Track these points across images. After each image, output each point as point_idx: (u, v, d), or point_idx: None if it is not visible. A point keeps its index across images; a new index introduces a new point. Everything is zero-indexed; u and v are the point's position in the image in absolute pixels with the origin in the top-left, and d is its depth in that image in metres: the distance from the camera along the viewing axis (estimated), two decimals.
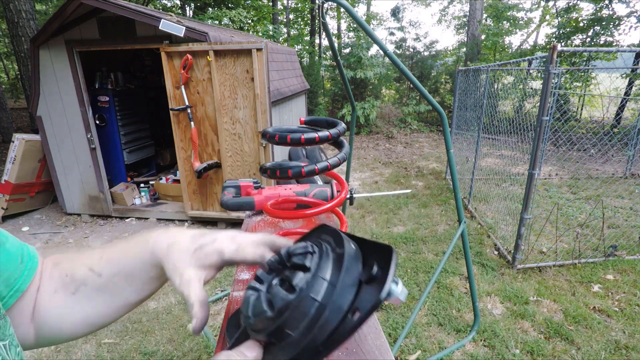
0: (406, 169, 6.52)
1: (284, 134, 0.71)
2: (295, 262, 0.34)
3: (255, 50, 3.38)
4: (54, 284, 0.49)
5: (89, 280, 0.49)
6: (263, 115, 3.60)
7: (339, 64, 2.35)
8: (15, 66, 12.19)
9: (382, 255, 0.32)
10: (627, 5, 8.45)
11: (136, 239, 0.50)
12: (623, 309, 2.66)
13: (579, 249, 3.32)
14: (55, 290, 0.49)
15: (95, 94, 4.49)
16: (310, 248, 0.35)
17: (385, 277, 0.30)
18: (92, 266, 0.49)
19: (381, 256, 0.32)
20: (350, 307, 0.30)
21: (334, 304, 0.29)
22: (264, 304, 0.32)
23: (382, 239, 3.78)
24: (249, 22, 10.73)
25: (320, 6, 1.86)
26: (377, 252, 0.33)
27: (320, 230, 0.40)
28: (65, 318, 0.49)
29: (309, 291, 0.30)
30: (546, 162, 6.37)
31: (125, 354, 2.34)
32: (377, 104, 9.28)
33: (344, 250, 0.32)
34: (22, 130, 9.07)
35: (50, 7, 12.22)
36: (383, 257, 0.32)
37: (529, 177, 2.97)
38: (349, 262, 0.31)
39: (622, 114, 8.51)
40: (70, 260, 0.52)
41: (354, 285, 0.31)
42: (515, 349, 2.31)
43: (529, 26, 11.79)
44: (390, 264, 0.31)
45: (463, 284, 3.00)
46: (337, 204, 0.82)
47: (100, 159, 4.22)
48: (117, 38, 3.72)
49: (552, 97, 2.78)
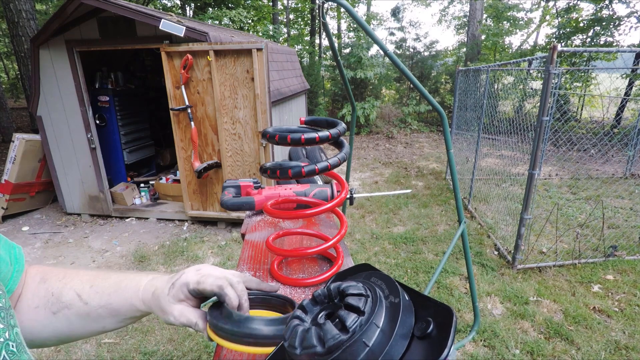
0: (406, 169, 6.52)
1: (284, 134, 0.71)
2: (350, 303, 0.34)
3: (256, 50, 3.38)
4: (37, 300, 0.51)
5: (74, 306, 0.51)
6: (263, 115, 3.60)
7: (339, 64, 2.35)
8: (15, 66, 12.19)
9: (439, 313, 0.32)
10: (627, 6, 8.45)
11: (128, 281, 0.53)
12: (623, 309, 2.66)
13: (579, 249, 3.32)
14: (37, 306, 0.51)
15: (95, 94, 4.49)
16: (364, 291, 0.34)
17: (444, 338, 0.29)
18: (80, 293, 0.52)
19: (438, 314, 0.32)
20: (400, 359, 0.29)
21: (386, 354, 0.29)
22: (315, 339, 0.32)
23: (382, 239, 3.78)
24: (249, 22, 10.73)
25: (320, 6, 1.86)
26: (431, 309, 0.33)
27: (370, 273, 0.39)
28: (39, 332, 0.51)
29: (362, 335, 0.29)
30: (546, 162, 6.37)
31: (125, 354, 2.34)
32: (377, 104, 9.28)
33: (400, 300, 0.32)
34: (22, 130, 9.08)
35: (50, 7, 12.23)
36: (440, 315, 0.32)
37: (529, 177, 2.97)
38: (404, 314, 0.31)
39: (622, 114, 8.51)
40: (59, 280, 0.53)
41: (406, 337, 0.30)
42: (515, 349, 2.31)
43: (529, 26, 11.79)
44: (450, 326, 0.30)
45: (463, 284, 3.00)
46: (337, 204, 0.82)
47: (100, 158, 4.22)
48: (117, 38, 3.72)
49: (552, 97, 2.78)
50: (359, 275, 0.40)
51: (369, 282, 0.36)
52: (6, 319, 0.36)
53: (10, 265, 0.48)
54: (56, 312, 0.51)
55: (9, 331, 0.35)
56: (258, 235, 1.02)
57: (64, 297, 0.52)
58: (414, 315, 0.32)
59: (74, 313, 0.51)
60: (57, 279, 0.53)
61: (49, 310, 0.51)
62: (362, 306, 0.32)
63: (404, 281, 3.05)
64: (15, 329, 0.36)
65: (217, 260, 3.42)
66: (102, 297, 0.52)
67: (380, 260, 3.40)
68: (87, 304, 0.51)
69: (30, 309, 0.51)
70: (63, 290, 0.52)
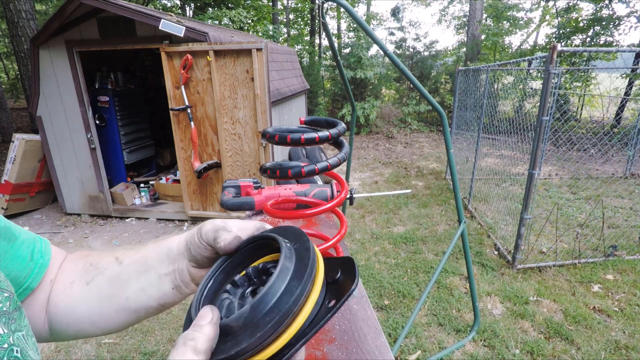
0: (406, 169, 6.52)
1: (284, 134, 0.71)
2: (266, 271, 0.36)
3: (255, 50, 3.38)
4: (74, 275, 0.49)
5: (108, 269, 0.48)
6: (263, 115, 3.60)
7: (339, 64, 2.35)
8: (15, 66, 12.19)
9: (345, 264, 0.36)
10: (627, 5, 8.45)
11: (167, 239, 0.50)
12: (623, 309, 2.66)
13: (579, 249, 3.32)
14: (73, 281, 0.49)
15: (95, 94, 4.49)
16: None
17: (351, 278, 0.33)
18: (119, 255, 0.49)
19: (344, 264, 0.36)
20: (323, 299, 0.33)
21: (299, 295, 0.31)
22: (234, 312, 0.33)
23: (382, 239, 3.78)
24: (249, 22, 10.73)
25: (320, 6, 1.86)
26: (339, 263, 0.37)
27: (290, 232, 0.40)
28: (72, 311, 0.48)
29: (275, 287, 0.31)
30: (546, 162, 6.37)
31: (125, 354, 2.34)
32: (377, 104, 9.28)
33: (310, 250, 0.35)
34: (22, 130, 9.08)
35: (50, 7, 12.23)
36: (346, 265, 0.36)
37: (529, 177, 2.97)
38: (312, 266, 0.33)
39: (622, 114, 8.51)
40: (102, 252, 0.52)
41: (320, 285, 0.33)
42: (515, 349, 2.31)
43: (529, 26, 11.79)
44: (354, 269, 0.34)
45: (463, 284, 3.00)
46: (337, 204, 0.82)
47: (100, 159, 4.22)
48: (117, 38, 3.72)
49: (552, 97, 2.78)
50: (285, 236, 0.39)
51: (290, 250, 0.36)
52: (7, 324, 0.35)
53: (29, 261, 0.46)
54: (89, 282, 0.48)
55: (12, 336, 0.35)
56: None
57: (102, 262, 0.49)
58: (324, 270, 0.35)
59: (105, 278, 0.48)
60: (100, 252, 0.52)
61: (83, 282, 0.48)
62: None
63: (404, 281, 3.06)
64: (16, 334, 0.36)
65: None
66: (138, 252, 0.49)
67: (380, 260, 3.40)
68: (121, 263, 0.48)
69: (67, 286, 0.48)
70: (103, 257, 0.50)
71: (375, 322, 0.60)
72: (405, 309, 2.71)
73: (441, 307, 2.72)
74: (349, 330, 0.57)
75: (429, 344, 2.38)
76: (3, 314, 0.35)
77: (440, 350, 2.32)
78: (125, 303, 0.47)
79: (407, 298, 2.82)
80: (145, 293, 0.47)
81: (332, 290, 0.34)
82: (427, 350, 2.33)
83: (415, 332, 2.47)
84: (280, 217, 0.87)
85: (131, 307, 0.47)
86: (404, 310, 2.70)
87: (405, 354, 2.30)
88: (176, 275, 0.46)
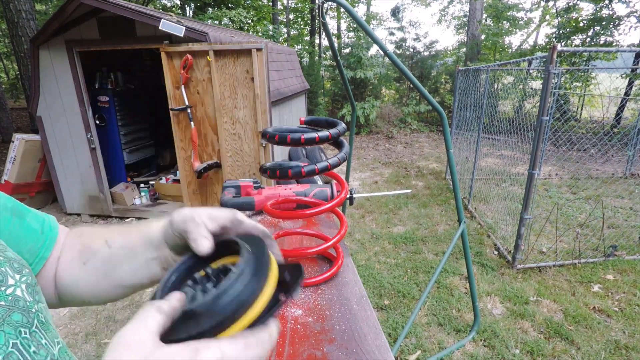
0: (406, 169, 6.52)
1: (284, 134, 0.71)
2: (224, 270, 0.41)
3: (255, 50, 3.38)
4: (72, 254, 0.54)
5: (100, 252, 0.53)
6: (263, 115, 3.60)
7: (339, 64, 2.35)
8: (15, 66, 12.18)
9: (293, 268, 0.40)
10: (627, 5, 8.45)
11: (154, 220, 0.53)
12: (623, 309, 2.66)
13: (579, 249, 3.32)
14: (72, 259, 0.53)
15: (95, 94, 4.49)
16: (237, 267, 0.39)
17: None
18: (108, 239, 0.53)
19: (292, 269, 0.40)
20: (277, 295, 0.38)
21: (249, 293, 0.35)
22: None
23: (382, 239, 3.78)
24: (248, 22, 10.72)
25: (320, 6, 1.86)
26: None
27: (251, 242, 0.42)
28: (75, 286, 0.53)
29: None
30: (546, 162, 6.37)
31: None
32: (377, 104, 9.28)
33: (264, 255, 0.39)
34: (22, 130, 9.07)
35: (50, 7, 12.22)
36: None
37: (529, 177, 2.97)
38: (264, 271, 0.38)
39: (622, 114, 8.51)
40: (93, 233, 0.56)
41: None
42: (515, 349, 2.31)
43: (529, 26, 11.80)
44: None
45: (463, 284, 3.00)
46: (337, 204, 0.82)
47: (100, 159, 4.22)
48: (117, 38, 3.72)
49: (552, 97, 2.78)
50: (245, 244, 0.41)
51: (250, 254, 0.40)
52: (33, 295, 0.39)
53: (41, 233, 0.51)
54: (85, 262, 0.53)
55: (36, 305, 0.39)
56: None
57: (94, 245, 0.53)
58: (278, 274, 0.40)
59: (99, 260, 0.52)
60: (92, 232, 0.56)
61: (80, 262, 0.53)
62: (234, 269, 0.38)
63: (404, 281, 3.06)
64: (39, 304, 0.40)
65: None
66: (123, 237, 0.52)
67: (380, 260, 3.40)
68: (111, 247, 0.52)
69: (68, 264, 0.53)
70: (94, 240, 0.54)
71: (375, 322, 0.60)
72: (405, 309, 2.71)
73: (441, 307, 2.72)
74: (349, 330, 0.57)
75: (429, 344, 2.38)
76: (28, 285, 0.39)
77: (440, 350, 2.32)
78: (120, 281, 0.52)
79: (407, 298, 2.82)
80: (136, 274, 0.51)
81: (284, 288, 0.38)
82: (427, 350, 2.33)
83: (415, 332, 2.47)
84: (280, 217, 0.87)
85: (125, 284, 0.52)
86: (404, 310, 2.70)
87: (405, 354, 2.30)
88: (161, 260, 0.50)
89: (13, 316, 0.34)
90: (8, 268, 0.37)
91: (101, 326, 2.60)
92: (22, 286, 0.38)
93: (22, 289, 0.37)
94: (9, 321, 0.34)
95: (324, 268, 0.86)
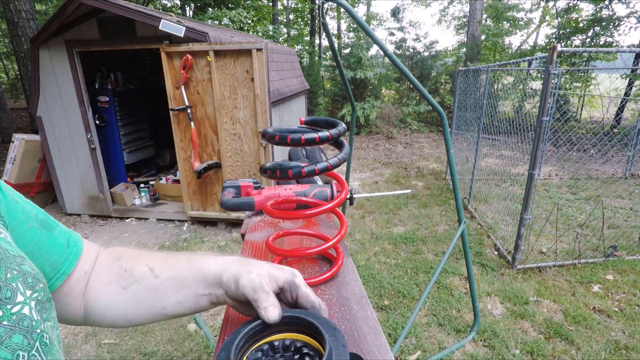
0: (406, 169, 6.52)
1: (284, 134, 0.71)
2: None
3: (255, 51, 3.38)
4: (110, 277, 0.54)
5: (144, 280, 0.52)
6: (263, 115, 3.60)
7: (339, 64, 2.35)
8: (15, 66, 12.19)
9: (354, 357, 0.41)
10: (627, 6, 8.45)
11: (203, 256, 0.53)
12: (623, 309, 2.66)
13: (578, 249, 3.32)
14: (110, 282, 0.53)
15: (95, 94, 4.49)
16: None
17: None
18: (153, 267, 0.53)
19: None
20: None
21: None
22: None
23: (382, 239, 3.78)
24: (249, 23, 10.73)
25: (320, 6, 1.86)
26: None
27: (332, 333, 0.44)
28: (110, 309, 0.53)
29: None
30: (546, 163, 6.37)
31: (125, 354, 2.34)
32: (377, 104, 9.28)
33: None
34: (22, 130, 9.08)
35: (50, 7, 12.23)
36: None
37: (529, 177, 2.97)
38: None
39: (622, 115, 8.52)
40: (133, 258, 0.55)
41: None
42: (515, 349, 2.31)
43: (529, 27, 11.80)
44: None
45: (463, 284, 3.00)
46: (337, 204, 0.82)
47: (100, 159, 4.22)
48: (117, 38, 3.72)
49: (552, 97, 2.78)
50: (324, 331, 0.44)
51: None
52: (41, 312, 0.38)
53: (66, 248, 0.51)
54: (126, 288, 0.52)
55: (43, 324, 0.37)
56: (258, 235, 1.02)
57: (136, 271, 0.53)
58: None
59: (142, 288, 0.52)
60: (131, 257, 0.56)
61: (120, 286, 0.53)
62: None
63: (404, 281, 3.06)
64: (46, 323, 0.38)
65: None
66: (172, 269, 0.52)
67: (380, 260, 3.40)
68: (157, 277, 0.52)
69: (104, 285, 0.53)
70: (135, 266, 0.54)
71: (375, 323, 0.60)
72: (405, 309, 2.71)
73: (441, 308, 2.72)
74: (349, 331, 0.57)
75: (429, 344, 2.38)
76: (38, 302, 0.38)
77: (440, 351, 2.32)
78: (162, 311, 0.52)
79: (407, 298, 2.82)
80: (183, 305, 0.52)
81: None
82: (427, 351, 2.33)
83: (415, 332, 2.47)
84: (280, 217, 0.87)
85: (168, 314, 0.53)
86: (404, 310, 2.70)
87: (405, 354, 2.30)
88: (213, 297, 0.51)
89: (13, 338, 0.33)
90: (20, 284, 0.36)
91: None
92: (32, 303, 0.37)
93: (30, 307, 0.36)
94: (8, 344, 0.32)
95: (324, 268, 0.86)
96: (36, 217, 0.48)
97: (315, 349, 0.43)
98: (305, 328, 0.44)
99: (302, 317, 0.44)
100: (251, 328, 0.43)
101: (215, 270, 0.50)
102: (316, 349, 0.42)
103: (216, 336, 2.46)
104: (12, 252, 0.38)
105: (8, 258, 0.36)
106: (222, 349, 0.41)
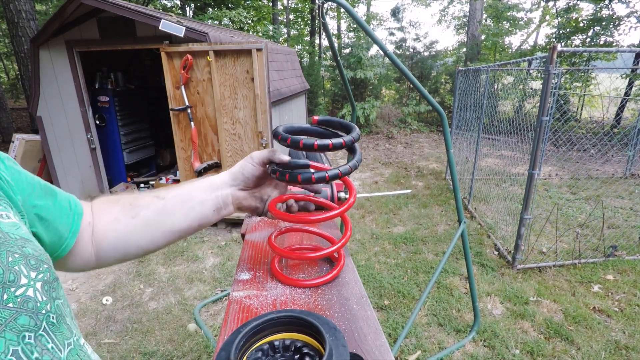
0: (406, 169, 6.52)
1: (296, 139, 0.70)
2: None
3: (255, 51, 3.38)
4: (114, 215, 0.58)
5: (152, 205, 0.58)
6: (263, 115, 3.60)
7: (339, 64, 2.35)
8: (15, 66, 12.18)
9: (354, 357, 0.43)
10: (627, 6, 8.46)
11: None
12: (623, 309, 2.66)
13: (579, 249, 3.32)
14: (116, 219, 0.58)
15: (95, 94, 4.49)
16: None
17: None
18: (157, 194, 0.60)
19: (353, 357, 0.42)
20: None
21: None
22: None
23: (382, 239, 3.78)
24: (249, 23, 10.73)
25: (320, 6, 1.86)
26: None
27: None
28: (121, 242, 0.58)
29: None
30: (546, 162, 6.37)
31: (125, 354, 2.34)
32: (377, 104, 9.28)
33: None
34: (22, 130, 9.07)
35: (50, 7, 12.22)
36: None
37: (529, 177, 2.97)
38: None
39: (622, 114, 8.51)
40: (132, 197, 0.61)
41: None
42: (515, 349, 2.31)
43: (529, 26, 11.80)
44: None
45: (463, 284, 3.00)
46: (347, 209, 0.82)
47: (100, 159, 4.23)
48: (117, 38, 3.72)
49: (552, 97, 2.78)
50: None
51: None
52: (49, 292, 0.38)
53: (69, 210, 0.55)
54: (135, 216, 0.57)
55: (50, 303, 0.38)
56: (258, 235, 1.02)
57: (141, 201, 0.59)
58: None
59: (151, 211, 0.58)
60: (130, 197, 0.61)
61: (128, 217, 0.57)
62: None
63: (404, 281, 3.06)
64: (56, 301, 0.39)
65: (217, 261, 3.42)
66: (176, 189, 0.59)
67: (380, 260, 3.40)
68: (164, 199, 0.58)
69: (110, 224, 0.57)
70: (139, 198, 0.59)
71: (375, 322, 0.60)
72: (405, 309, 2.71)
73: (441, 307, 2.72)
74: (349, 331, 0.57)
75: (429, 344, 2.38)
76: (45, 282, 0.39)
77: (440, 351, 2.32)
78: (171, 227, 0.59)
79: (407, 298, 2.83)
80: (188, 216, 0.59)
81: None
82: (427, 351, 2.33)
83: (415, 332, 2.47)
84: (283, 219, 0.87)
85: (175, 229, 0.59)
86: (404, 310, 2.70)
87: (405, 354, 2.30)
88: (218, 199, 0.60)
89: (19, 320, 0.33)
90: (23, 266, 0.36)
91: (101, 326, 2.60)
92: (37, 285, 0.37)
93: (35, 288, 0.36)
94: (13, 326, 0.33)
95: (324, 268, 0.86)
96: (39, 186, 0.51)
97: (315, 349, 0.43)
98: (306, 328, 0.44)
99: (302, 317, 0.44)
100: (251, 328, 0.44)
101: (220, 176, 0.60)
102: (316, 349, 0.42)
103: (216, 336, 2.47)
104: (13, 235, 0.38)
105: (9, 242, 0.37)
106: (222, 349, 0.41)
